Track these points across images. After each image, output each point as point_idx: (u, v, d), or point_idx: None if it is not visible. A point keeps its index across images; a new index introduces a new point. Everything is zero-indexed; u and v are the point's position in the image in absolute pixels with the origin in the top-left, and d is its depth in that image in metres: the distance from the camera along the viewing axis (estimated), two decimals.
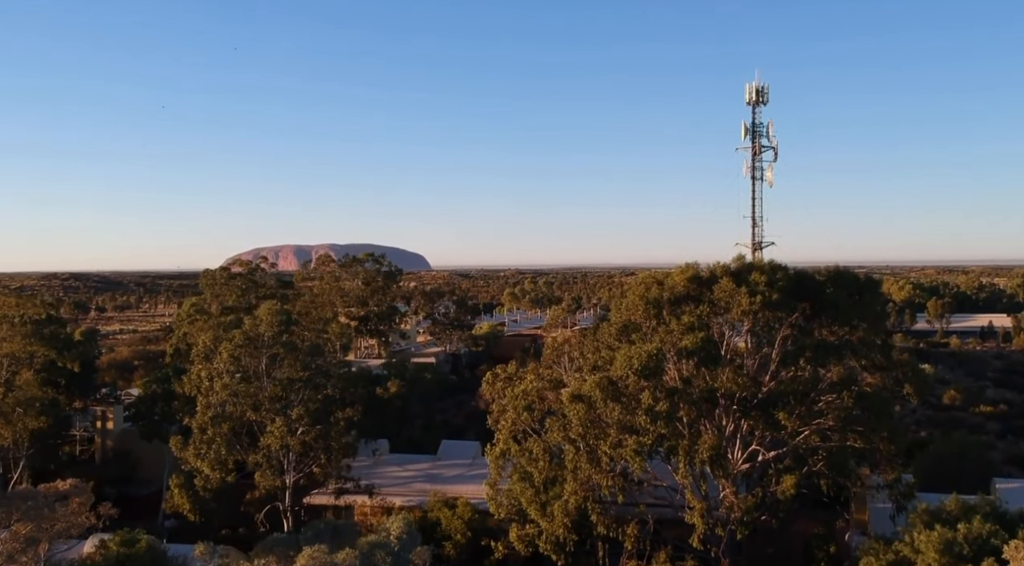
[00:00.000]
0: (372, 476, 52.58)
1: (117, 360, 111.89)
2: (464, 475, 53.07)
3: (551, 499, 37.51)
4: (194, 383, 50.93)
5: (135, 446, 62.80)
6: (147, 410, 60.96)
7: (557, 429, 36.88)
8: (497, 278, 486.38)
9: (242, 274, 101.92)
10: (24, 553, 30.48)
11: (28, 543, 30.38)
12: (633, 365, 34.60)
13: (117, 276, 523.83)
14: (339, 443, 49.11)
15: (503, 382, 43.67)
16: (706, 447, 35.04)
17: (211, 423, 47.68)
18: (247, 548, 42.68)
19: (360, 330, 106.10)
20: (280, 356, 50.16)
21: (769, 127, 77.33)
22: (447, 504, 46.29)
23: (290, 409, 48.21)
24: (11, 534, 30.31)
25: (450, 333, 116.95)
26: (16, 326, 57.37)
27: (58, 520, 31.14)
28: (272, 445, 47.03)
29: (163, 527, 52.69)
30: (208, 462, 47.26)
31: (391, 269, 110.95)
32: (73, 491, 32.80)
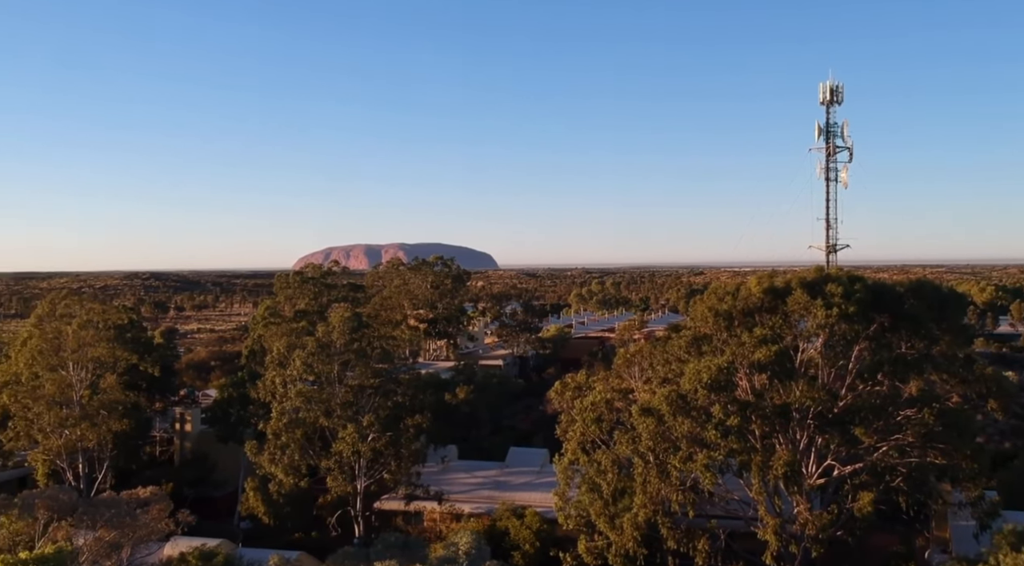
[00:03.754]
0: (441, 482, 53.01)
1: (195, 361, 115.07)
2: (532, 483, 53.06)
3: (620, 511, 37.20)
4: (268, 389, 52.07)
5: (212, 448, 64.45)
6: (223, 413, 62.60)
7: (626, 442, 36.54)
8: (564, 278, 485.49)
9: (314, 278, 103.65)
10: (108, 557, 31.59)
11: (112, 548, 31.48)
12: (702, 379, 34.09)
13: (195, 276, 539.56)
14: (409, 449, 49.66)
15: (572, 392, 43.48)
16: (780, 462, 34.31)
17: (285, 429, 48.65)
18: (319, 552, 43.55)
19: (429, 332, 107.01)
20: (351, 362, 50.92)
21: (844, 127, 75.66)
22: (515, 513, 46.35)
23: (361, 415, 48.90)
24: (96, 539, 31.44)
25: (517, 335, 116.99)
26: (100, 331, 59.33)
27: (140, 527, 32.18)
28: (344, 451, 47.78)
29: (239, 529, 53.95)
30: (282, 467, 48.26)
31: (459, 272, 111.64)
32: (153, 498, 33.88)
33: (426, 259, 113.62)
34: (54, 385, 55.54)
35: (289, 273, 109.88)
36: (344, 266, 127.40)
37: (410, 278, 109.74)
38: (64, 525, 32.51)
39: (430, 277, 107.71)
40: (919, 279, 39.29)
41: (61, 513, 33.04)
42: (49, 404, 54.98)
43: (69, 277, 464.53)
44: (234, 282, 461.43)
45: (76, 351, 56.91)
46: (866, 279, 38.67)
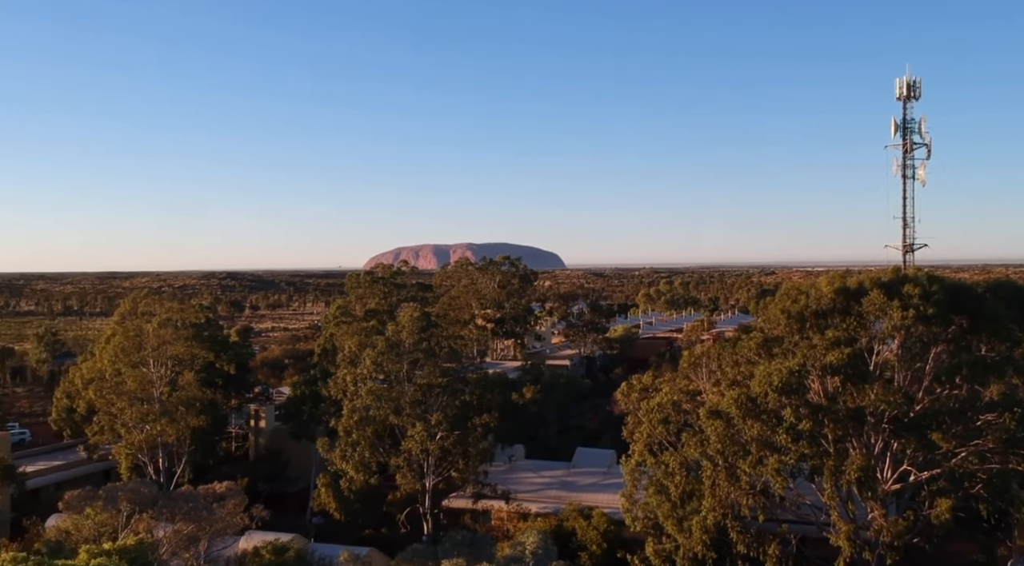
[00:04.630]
0: (508, 481, 53.26)
1: (269, 359, 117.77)
2: (599, 484, 52.92)
3: (688, 514, 36.84)
4: (339, 387, 53.07)
5: (285, 445, 65.91)
6: (296, 410, 63.96)
7: (694, 444, 36.17)
8: (631, 277, 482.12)
9: (384, 278, 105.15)
10: (186, 550, 32.64)
11: (190, 541, 32.51)
12: (773, 382, 33.52)
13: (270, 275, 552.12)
14: (476, 448, 50.06)
15: (639, 393, 43.19)
16: (853, 467, 33.53)
17: (355, 426, 49.52)
18: (389, 548, 44.22)
19: (496, 332, 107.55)
20: (420, 361, 51.55)
21: (921, 123, 73.52)
22: (582, 514, 46.28)
23: (430, 414, 49.47)
24: (175, 532, 32.51)
25: (584, 335, 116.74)
26: (179, 329, 61.22)
27: (216, 520, 33.15)
28: (413, 449, 48.42)
29: (311, 524, 55.05)
30: (353, 464, 49.13)
31: (526, 271, 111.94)
32: (229, 493, 34.85)
33: (493, 259, 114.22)
34: (135, 381, 57.50)
35: (360, 273, 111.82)
36: (413, 266, 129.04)
37: (478, 278, 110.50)
38: (145, 517, 33.70)
39: (497, 277, 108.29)
40: (999, 279, 37.92)
41: (142, 506, 34.26)
42: (131, 400, 56.96)
43: (150, 277, 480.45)
44: (307, 282, 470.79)
45: (156, 349, 58.82)
46: (944, 279, 37.52)
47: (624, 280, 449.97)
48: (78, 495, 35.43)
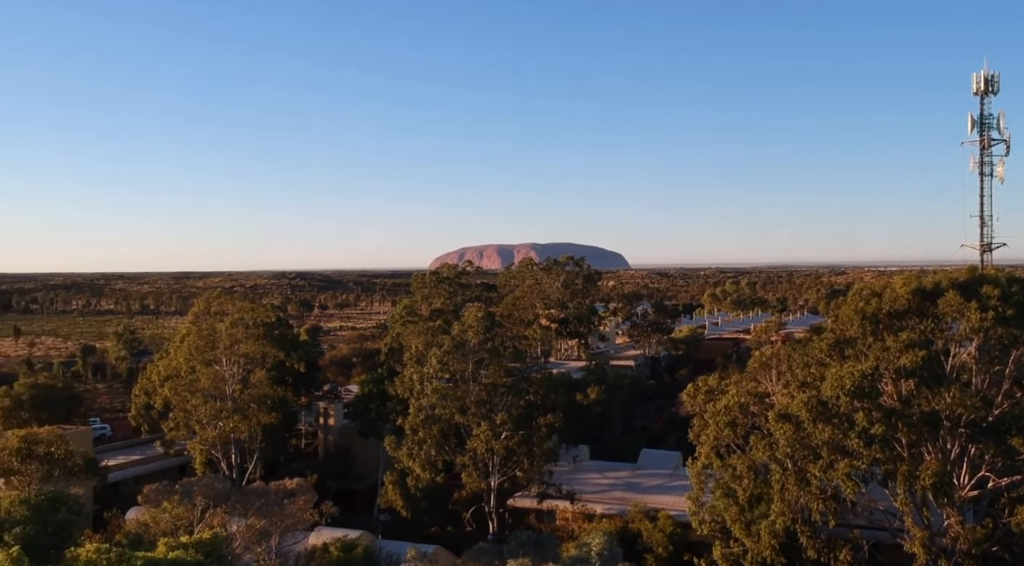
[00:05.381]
0: (573, 482, 53.21)
1: (337, 357, 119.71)
2: (664, 486, 52.51)
3: (756, 518, 36.32)
4: (406, 385, 53.69)
5: (353, 442, 66.99)
6: (364, 409, 64.94)
7: (762, 447, 35.63)
8: (697, 277, 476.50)
9: (449, 278, 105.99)
10: (258, 544, 33.46)
11: (262, 535, 33.32)
12: (845, 385, 32.81)
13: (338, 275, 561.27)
14: (541, 448, 50.15)
15: (705, 394, 42.72)
16: (928, 473, 32.63)
17: (422, 425, 50.05)
18: (455, 546, 44.61)
19: (560, 332, 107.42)
20: (485, 361, 51.85)
21: (1000, 118, 71.08)
22: (648, 515, 46.00)
23: (494, 413, 49.72)
24: (247, 527, 33.35)
25: (649, 336, 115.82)
26: (250, 328, 62.69)
27: (287, 516, 33.92)
28: (478, 448, 48.74)
29: (378, 521, 55.86)
30: (419, 462, 49.67)
31: (590, 271, 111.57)
32: (299, 489, 35.63)
33: (557, 259, 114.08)
34: (209, 379, 59.06)
35: (425, 273, 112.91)
36: (477, 266, 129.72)
37: (542, 278, 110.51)
38: (219, 512, 34.67)
39: (561, 277, 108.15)
40: None
41: (216, 501, 35.26)
42: (205, 397, 58.53)
43: (222, 277, 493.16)
44: (374, 282, 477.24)
45: (229, 347, 60.30)
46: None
47: (689, 280, 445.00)
48: (156, 489, 36.63)
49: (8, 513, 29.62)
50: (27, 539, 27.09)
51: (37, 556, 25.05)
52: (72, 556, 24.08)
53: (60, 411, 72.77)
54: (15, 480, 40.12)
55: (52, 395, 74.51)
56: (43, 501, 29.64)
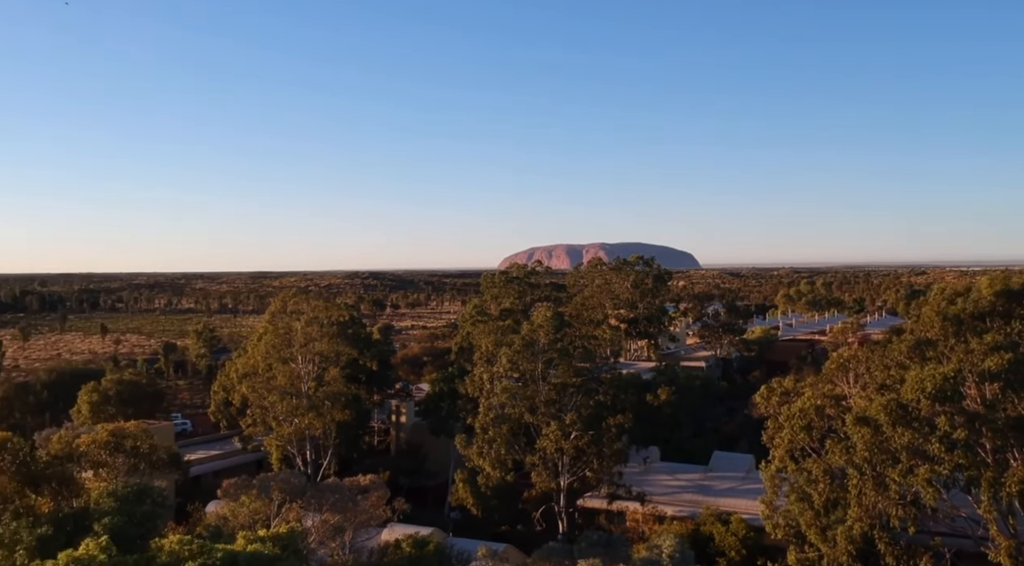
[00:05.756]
0: (643, 483, 52.89)
1: (409, 356, 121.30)
2: (737, 489, 51.79)
3: (832, 523, 35.54)
4: (476, 385, 54.13)
5: (424, 440, 67.77)
6: (435, 407, 65.67)
7: (839, 451, 34.83)
8: (770, 277, 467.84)
9: (518, 278, 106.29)
10: (332, 539, 34.13)
11: (336, 531, 33.99)
12: (925, 388, 31.88)
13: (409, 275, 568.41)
14: (611, 449, 49.99)
15: (779, 396, 41.95)
16: (1014, 479, 31.46)
17: (492, 424, 50.42)
18: (525, 545, 44.78)
19: (629, 332, 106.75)
20: (555, 361, 51.91)
21: None
22: (720, 518, 45.44)
23: (564, 413, 49.75)
24: (322, 522, 34.07)
25: (720, 336, 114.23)
26: (325, 327, 63.95)
27: (360, 512, 34.52)
28: (547, 448, 48.84)
29: (449, 519, 56.42)
30: (489, 460, 50.03)
31: (660, 271, 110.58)
32: (372, 486, 36.23)
33: (627, 259, 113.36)
34: (285, 377, 60.46)
35: (495, 273, 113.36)
36: (547, 266, 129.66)
37: (611, 278, 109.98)
38: (295, 507, 35.49)
39: (631, 277, 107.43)
40: None
41: (292, 496, 36.08)
42: (281, 394, 59.95)
43: (298, 276, 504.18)
44: (444, 281, 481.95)
45: (304, 346, 61.65)
46: None
47: (762, 280, 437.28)
48: (234, 483, 37.67)
49: (97, 504, 30.86)
50: (114, 529, 28.16)
51: (124, 545, 26.02)
52: (157, 546, 24.98)
53: (144, 406, 75.29)
54: (103, 472, 41.70)
55: (137, 391, 77.14)
56: (129, 493, 30.77)
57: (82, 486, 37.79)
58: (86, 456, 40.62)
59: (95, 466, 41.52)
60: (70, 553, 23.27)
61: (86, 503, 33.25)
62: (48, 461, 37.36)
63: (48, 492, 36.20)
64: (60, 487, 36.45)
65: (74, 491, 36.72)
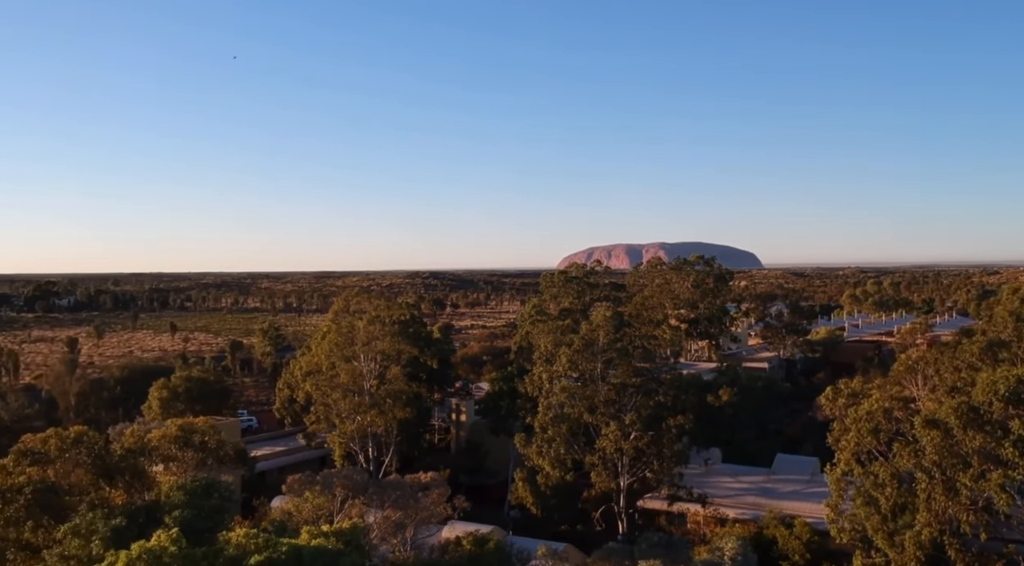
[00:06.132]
0: (704, 485, 52.37)
1: (468, 355, 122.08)
2: (801, 492, 50.96)
3: (900, 529, 34.75)
4: (535, 384, 54.23)
5: (484, 438, 68.13)
6: (494, 406, 65.97)
7: (907, 455, 34.05)
8: (835, 277, 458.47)
9: (577, 278, 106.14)
10: (394, 535, 34.58)
11: (397, 527, 34.43)
12: (998, 390, 30.99)
13: (469, 275, 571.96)
14: (671, 450, 49.63)
15: (845, 398, 41.17)
16: None
17: (551, 423, 50.46)
18: (584, 545, 44.72)
19: (690, 333, 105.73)
20: (614, 361, 51.73)
21: None
22: (783, 522, 44.77)
23: (623, 414, 49.56)
24: (384, 518, 34.54)
25: (783, 337, 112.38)
26: (386, 326, 64.73)
27: (421, 509, 34.91)
28: (607, 448, 48.70)
29: (509, 517, 56.62)
30: (548, 460, 50.10)
31: (721, 271, 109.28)
32: (433, 483, 36.59)
33: (687, 258, 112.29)
34: (348, 375, 61.37)
35: (554, 272, 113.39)
36: (606, 266, 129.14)
37: (671, 278, 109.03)
38: (357, 503, 36.04)
39: (691, 277, 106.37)
40: None
41: (355, 492, 36.65)
42: (344, 392, 60.89)
43: (360, 276, 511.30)
44: (503, 281, 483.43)
45: (366, 344, 62.48)
46: None
47: (827, 280, 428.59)
48: (299, 479, 38.42)
49: (168, 497, 31.77)
50: (184, 522, 28.97)
51: (193, 538, 26.73)
52: (224, 539, 25.62)
53: (212, 403, 77.21)
54: (173, 466, 42.87)
55: (205, 388, 79.13)
56: (198, 487, 31.61)
57: (153, 479, 38.96)
58: (157, 450, 41.78)
59: (165, 460, 42.69)
60: (143, 544, 24.02)
61: (157, 496, 34.28)
62: (121, 455, 38.57)
63: (121, 485, 37.42)
64: (132, 480, 37.63)
65: (146, 484, 37.88)
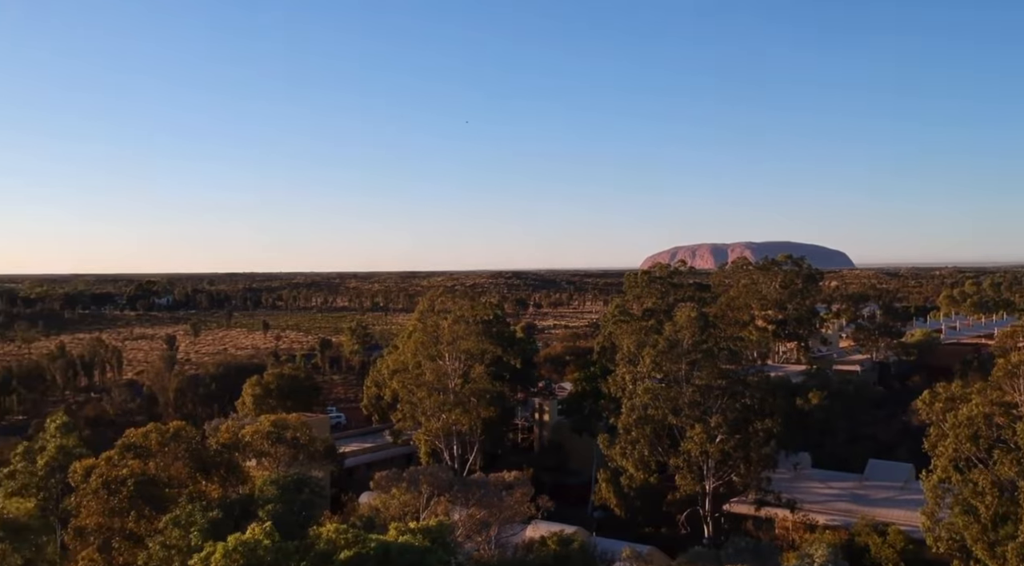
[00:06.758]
0: (792, 490, 51.28)
1: (551, 355, 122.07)
2: (894, 499, 49.43)
3: (1002, 539, 33.43)
4: (618, 385, 53.98)
5: (567, 438, 68.19)
6: (577, 406, 66.00)
7: (1009, 462, 32.77)
8: (931, 277, 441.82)
9: (661, 277, 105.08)
10: (478, 534, 34.96)
11: (482, 525, 34.80)
12: None
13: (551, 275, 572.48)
14: (758, 453, 48.74)
15: (943, 403, 39.74)
16: None
17: (635, 424, 50.14)
18: (668, 548, 44.35)
19: (778, 334, 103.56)
20: (699, 362, 51.08)
21: None
22: (876, 529, 43.50)
23: (709, 416, 48.90)
24: (468, 516, 34.95)
25: (876, 339, 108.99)
26: (470, 326, 65.39)
27: (505, 508, 35.20)
28: (692, 450, 48.13)
29: (592, 518, 56.52)
30: (632, 461, 49.80)
31: (810, 271, 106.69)
32: (517, 482, 36.85)
33: (775, 258, 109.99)
34: (433, 373, 62.28)
35: (637, 273, 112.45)
36: (690, 266, 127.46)
37: (758, 278, 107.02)
38: (443, 500, 36.57)
39: (779, 277, 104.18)
40: None
41: (440, 489, 37.20)
42: (429, 390, 61.78)
43: (444, 276, 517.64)
44: (586, 281, 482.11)
45: (451, 343, 63.29)
46: None
47: (922, 280, 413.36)
48: (386, 476, 39.23)
49: (261, 491, 32.84)
50: (277, 516, 29.90)
51: (285, 532, 27.58)
52: (315, 534, 26.38)
53: (302, 399, 79.20)
54: (265, 461, 44.27)
55: (296, 385, 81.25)
56: (290, 482, 32.57)
57: (247, 474, 40.31)
58: (250, 446, 43.20)
59: (258, 455, 44.10)
60: (238, 537, 24.94)
61: (251, 490, 35.46)
62: (217, 450, 40.03)
63: (216, 478, 38.85)
64: (227, 474, 39.04)
65: (240, 478, 39.23)
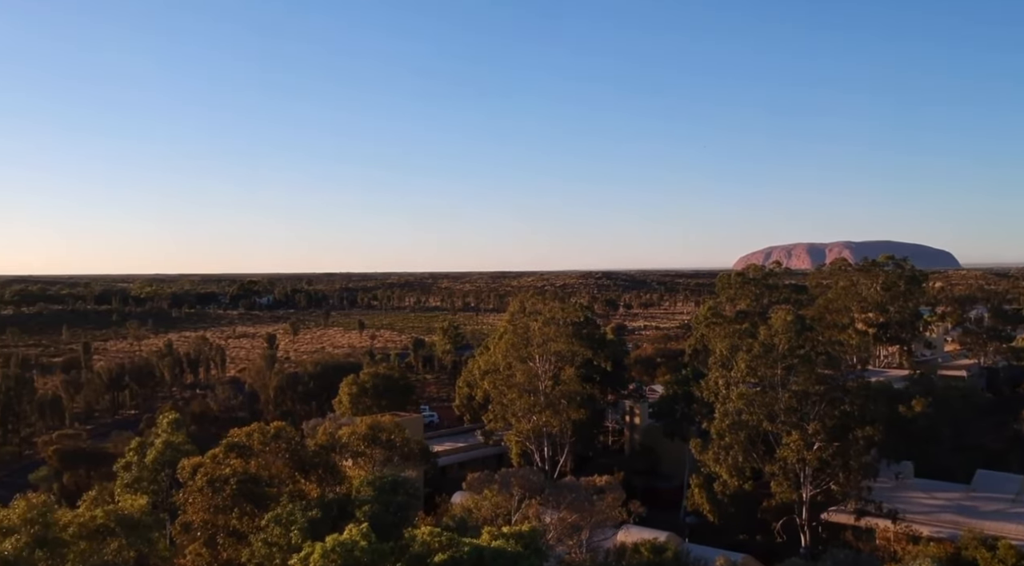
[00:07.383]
0: (894, 500, 49.67)
1: (642, 357, 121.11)
2: (1005, 512, 47.35)
3: None
4: (711, 389, 53.23)
5: (658, 442, 67.61)
6: (669, 409, 65.30)
7: None
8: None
9: (755, 279, 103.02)
10: (570, 538, 35.09)
11: (573, 529, 34.92)
12: None
13: (642, 275, 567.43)
14: (858, 462, 47.40)
15: None
16: None
17: (728, 430, 49.38)
18: (764, 557, 43.60)
19: (879, 338, 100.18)
20: (795, 367, 49.94)
21: None
22: (985, 543, 41.66)
23: (806, 422, 47.79)
24: (559, 519, 35.11)
25: (984, 343, 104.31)
26: (561, 327, 65.56)
27: (597, 512, 35.22)
28: (788, 457, 47.13)
29: (684, 523, 55.93)
30: (726, 467, 49.06)
31: (913, 272, 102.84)
32: (608, 486, 36.83)
33: (875, 259, 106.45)
34: (524, 375, 62.73)
35: (730, 273, 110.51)
36: (785, 266, 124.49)
37: (858, 279, 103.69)
38: (534, 503, 36.84)
39: (880, 278, 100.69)
40: None
41: (531, 492, 37.48)
42: (520, 391, 62.26)
43: (535, 276, 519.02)
44: (677, 281, 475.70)
45: (541, 345, 63.63)
46: None
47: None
48: (478, 477, 39.75)
49: (358, 492, 33.70)
50: (373, 517, 30.65)
51: (381, 532, 28.27)
52: (410, 536, 26.96)
53: (396, 398, 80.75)
54: (361, 461, 45.40)
55: (390, 384, 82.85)
56: (386, 483, 33.32)
57: (344, 474, 41.42)
58: (347, 447, 44.36)
59: (354, 456, 45.25)
60: (336, 537, 25.70)
61: (348, 490, 36.41)
62: (315, 450, 41.26)
63: (315, 478, 40.02)
64: (325, 474, 40.17)
65: (337, 478, 40.33)
